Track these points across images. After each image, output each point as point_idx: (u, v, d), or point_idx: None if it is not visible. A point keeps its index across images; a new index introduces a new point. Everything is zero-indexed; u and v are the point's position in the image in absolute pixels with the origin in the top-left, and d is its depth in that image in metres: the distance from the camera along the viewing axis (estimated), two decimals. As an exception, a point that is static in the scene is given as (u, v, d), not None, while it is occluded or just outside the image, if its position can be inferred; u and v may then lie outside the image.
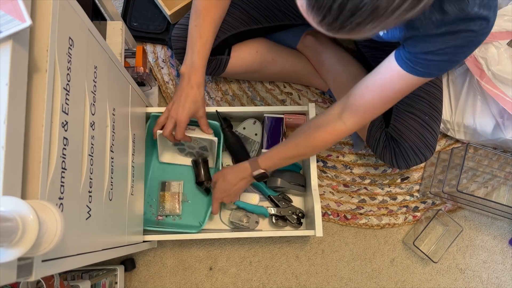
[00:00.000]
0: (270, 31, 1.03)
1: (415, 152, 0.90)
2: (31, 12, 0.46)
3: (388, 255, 1.09)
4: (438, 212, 1.07)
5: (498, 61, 0.90)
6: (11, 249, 0.37)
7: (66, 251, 0.52)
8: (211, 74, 1.04)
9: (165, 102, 1.15)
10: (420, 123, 0.89)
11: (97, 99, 0.63)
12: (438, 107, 0.91)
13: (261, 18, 0.97)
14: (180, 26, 0.95)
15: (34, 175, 0.45)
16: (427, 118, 0.90)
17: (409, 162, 0.92)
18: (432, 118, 0.90)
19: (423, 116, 0.90)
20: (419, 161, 0.92)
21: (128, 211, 0.82)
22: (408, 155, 0.91)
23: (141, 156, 0.96)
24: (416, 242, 1.04)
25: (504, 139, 0.99)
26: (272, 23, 0.99)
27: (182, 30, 0.94)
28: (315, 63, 1.08)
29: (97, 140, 0.63)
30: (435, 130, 0.91)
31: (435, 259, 1.04)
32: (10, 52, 0.42)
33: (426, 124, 0.89)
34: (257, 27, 0.98)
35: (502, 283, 1.09)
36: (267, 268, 1.07)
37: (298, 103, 1.16)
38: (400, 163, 0.93)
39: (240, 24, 0.96)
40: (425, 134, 0.89)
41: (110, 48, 0.71)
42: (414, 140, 0.89)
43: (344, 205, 1.11)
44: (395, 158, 0.93)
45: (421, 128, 0.89)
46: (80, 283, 0.79)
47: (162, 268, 1.07)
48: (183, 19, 0.96)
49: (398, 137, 0.91)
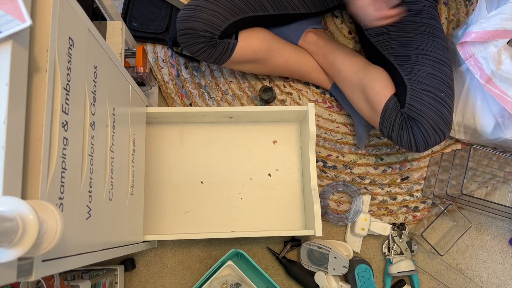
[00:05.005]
0: (274, 22, 1.05)
1: (435, 129, 0.88)
2: (31, 12, 0.46)
3: (388, 255, 1.09)
4: (448, 206, 1.07)
5: (498, 60, 0.90)
6: (11, 249, 0.37)
7: (66, 251, 0.52)
8: (216, 61, 1.00)
9: (165, 102, 1.15)
10: (437, 100, 0.88)
11: (97, 99, 0.63)
12: (451, 85, 0.91)
13: (267, 4, 0.99)
14: (188, 7, 0.93)
15: (34, 175, 0.45)
16: (442, 95, 0.89)
17: (428, 141, 0.89)
18: (447, 95, 0.90)
19: (439, 93, 0.89)
20: (439, 139, 0.90)
21: (128, 211, 0.82)
22: (428, 132, 0.88)
23: (141, 156, 0.96)
24: (424, 234, 1.04)
25: (504, 139, 0.99)
26: (278, 12, 1.01)
27: (191, 10, 0.92)
28: (318, 56, 1.08)
29: (97, 140, 0.63)
30: (451, 107, 0.90)
31: (441, 252, 1.05)
32: (10, 52, 0.42)
33: (442, 101, 0.89)
34: (263, 14, 1.00)
35: (502, 283, 1.09)
36: (267, 268, 1.07)
37: (298, 103, 1.16)
38: (419, 143, 0.90)
39: (248, 9, 0.97)
40: (443, 111, 0.88)
41: (110, 48, 0.71)
42: (433, 117, 0.88)
43: (344, 205, 1.11)
44: (413, 138, 0.90)
45: (438, 104, 0.88)
46: (80, 283, 0.79)
47: (162, 268, 1.07)
48: (192, 1, 0.94)
49: (416, 116, 0.89)
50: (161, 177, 1.07)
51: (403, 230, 1.08)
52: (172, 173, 1.08)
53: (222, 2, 0.94)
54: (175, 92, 1.15)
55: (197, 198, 1.07)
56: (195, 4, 0.93)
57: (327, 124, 1.15)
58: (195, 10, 0.92)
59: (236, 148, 1.09)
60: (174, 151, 1.09)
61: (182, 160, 1.08)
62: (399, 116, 0.92)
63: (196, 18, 0.92)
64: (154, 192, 1.06)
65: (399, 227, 1.08)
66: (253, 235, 1.00)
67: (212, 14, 0.93)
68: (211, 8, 0.93)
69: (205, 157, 1.09)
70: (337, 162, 1.14)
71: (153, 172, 1.07)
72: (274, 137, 1.10)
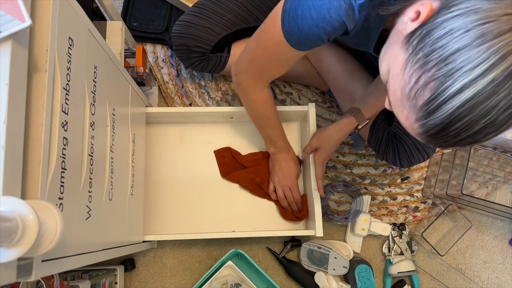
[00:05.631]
0: None
1: (418, 149, 0.91)
2: (31, 12, 0.46)
3: (388, 255, 1.09)
4: (448, 207, 1.07)
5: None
6: (11, 249, 0.37)
7: (66, 251, 0.52)
8: (211, 72, 1.04)
9: (165, 102, 1.15)
10: None
11: (97, 99, 0.63)
12: None
13: (260, 15, 0.98)
14: (180, 23, 0.95)
15: (34, 175, 0.45)
16: None
17: (412, 160, 0.93)
18: None
19: None
20: (422, 159, 0.93)
21: (128, 211, 0.82)
22: (412, 152, 0.92)
23: (141, 156, 0.96)
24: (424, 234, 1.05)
25: (504, 139, 0.99)
26: None
27: (183, 27, 0.94)
28: (314, 62, 1.08)
29: (97, 140, 0.63)
30: None
31: (442, 253, 1.05)
32: (10, 52, 0.42)
33: None
34: (256, 25, 0.98)
35: (502, 283, 1.09)
36: (267, 268, 1.07)
37: (298, 103, 1.16)
38: (403, 161, 0.94)
39: (240, 22, 0.97)
40: None
41: (110, 48, 0.70)
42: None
43: (344, 205, 1.11)
44: (398, 156, 0.94)
45: None
46: (80, 283, 0.79)
47: (162, 268, 1.07)
48: (184, 16, 0.97)
49: (402, 135, 0.92)
50: (161, 177, 1.07)
51: (403, 230, 1.08)
52: (172, 173, 1.08)
53: (214, 18, 0.95)
54: (175, 92, 1.15)
55: (197, 198, 1.06)
56: (187, 20, 0.94)
57: (327, 124, 1.15)
58: (187, 27, 0.94)
59: (237, 148, 1.09)
60: (174, 151, 1.09)
61: (182, 160, 1.08)
62: (386, 134, 0.95)
63: (188, 35, 0.94)
64: (154, 192, 1.06)
65: (399, 227, 1.08)
66: (253, 235, 1.00)
67: (204, 30, 0.94)
68: (202, 24, 0.94)
69: (205, 157, 1.09)
70: (337, 162, 1.14)
71: (153, 172, 1.07)
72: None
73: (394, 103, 0.50)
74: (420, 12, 0.47)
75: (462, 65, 0.40)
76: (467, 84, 0.40)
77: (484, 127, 0.42)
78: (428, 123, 0.44)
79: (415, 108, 0.45)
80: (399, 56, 0.48)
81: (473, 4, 0.41)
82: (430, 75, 0.43)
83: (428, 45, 0.43)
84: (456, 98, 0.41)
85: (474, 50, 0.40)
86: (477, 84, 0.40)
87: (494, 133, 0.43)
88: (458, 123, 0.42)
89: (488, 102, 0.40)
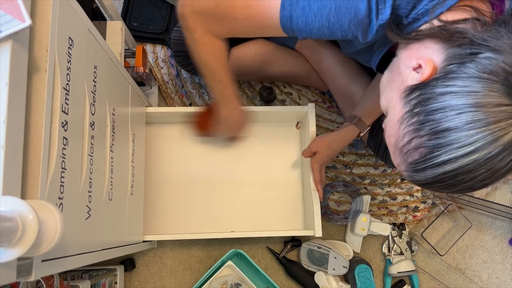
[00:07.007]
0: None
1: None
2: (31, 12, 0.46)
3: (388, 255, 1.09)
4: (448, 206, 1.07)
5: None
6: (10, 249, 0.37)
7: (66, 251, 0.52)
8: None
9: (165, 102, 1.15)
10: None
11: (97, 99, 0.63)
12: None
13: None
14: (178, 29, 0.96)
15: (34, 175, 0.45)
16: None
17: None
18: None
19: None
20: None
21: (128, 211, 0.82)
22: None
23: (141, 156, 0.96)
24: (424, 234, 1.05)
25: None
26: None
27: (181, 33, 0.94)
28: (314, 63, 1.08)
29: (97, 140, 0.63)
30: None
31: (441, 253, 1.05)
32: (10, 52, 0.42)
33: None
34: None
35: (502, 283, 1.09)
36: (267, 268, 1.07)
37: (298, 103, 1.16)
38: None
39: None
40: None
41: (110, 48, 0.71)
42: None
43: (344, 205, 1.11)
44: None
45: None
46: (80, 283, 0.79)
47: (162, 268, 1.07)
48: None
49: None
50: (161, 177, 1.07)
51: (403, 230, 1.08)
52: (172, 173, 1.08)
53: None
54: (175, 92, 1.15)
55: (197, 198, 1.06)
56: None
57: (327, 124, 1.15)
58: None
59: (236, 148, 1.09)
60: (174, 151, 1.09)
61: (182, 160, 1.08)
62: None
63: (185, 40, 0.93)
64: (154, 192, 1.06)
65: (399, 227, 1.08)
66: (253, 235, 1.00)
67: None
68: None
69: (205, 157, 1.09)
70: (337, 162, 1.14)
71: (153, 172, 1.07)
72: (275, 136, 1.10)
73: (388, 144, 0.54)
74: (422, 66, 0.48)
75: (450, 142, 0.45)
76: (452, 159, 0.45)
77: (463, 190, 0.49)
78: (414, 177, 0.50)
79: (405, 162, 0.50)
80: (398, 105, 0.51)
81: (469, 85, 0.44)
82: (421, 141, 0.47)
83: (423, 114, 0.47)
84: (441, 167, 0.46)
85: (463, 133, 0.44)
86: (461, 161, 0.45)
87: (473, 191, 0.51)
88: (440, 183, 0.48)
89: (467, 175, 0.46)
